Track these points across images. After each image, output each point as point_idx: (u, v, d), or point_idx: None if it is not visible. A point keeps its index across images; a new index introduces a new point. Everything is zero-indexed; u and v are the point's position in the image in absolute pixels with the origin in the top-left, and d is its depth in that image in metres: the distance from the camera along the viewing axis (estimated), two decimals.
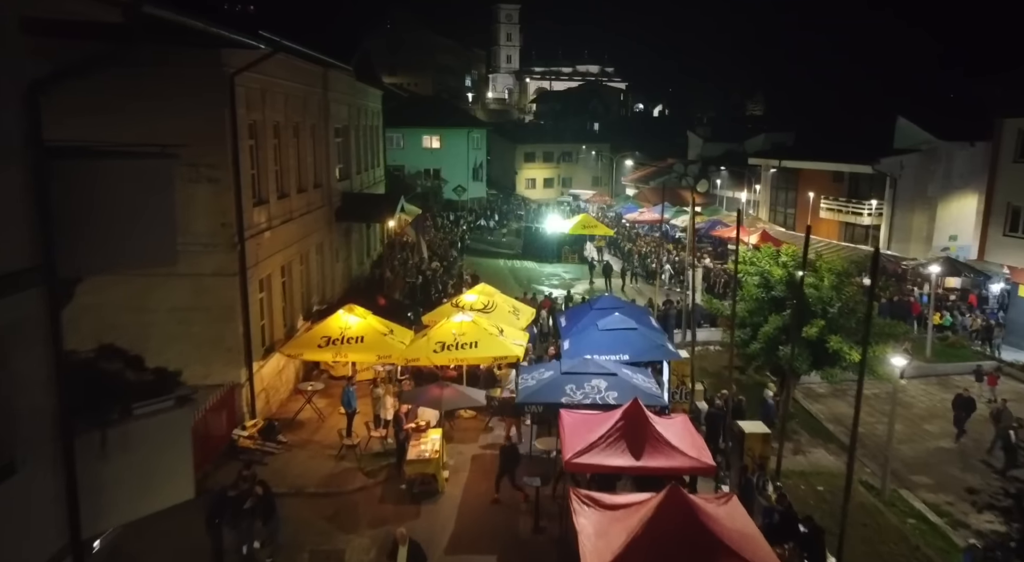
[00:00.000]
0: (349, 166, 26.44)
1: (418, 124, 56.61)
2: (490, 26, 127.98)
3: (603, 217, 56.98)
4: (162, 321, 15.02)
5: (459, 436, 16.62)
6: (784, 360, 16.64)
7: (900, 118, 41.52)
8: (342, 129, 25.87)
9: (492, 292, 21.36)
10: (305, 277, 20.99)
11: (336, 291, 24.05)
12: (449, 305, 20.80)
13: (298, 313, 19.96)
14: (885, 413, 20.61)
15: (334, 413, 17.20)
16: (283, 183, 18.84)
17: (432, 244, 38.83)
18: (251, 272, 15.77)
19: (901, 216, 39.52)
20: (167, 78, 14.14)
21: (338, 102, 24.49)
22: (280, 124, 18.54)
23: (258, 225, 16.48)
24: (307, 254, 20.95)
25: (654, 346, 16.83)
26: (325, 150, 22.86)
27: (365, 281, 27.02)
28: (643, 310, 21.42)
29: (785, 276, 17.21)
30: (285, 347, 16.86)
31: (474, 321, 17.38)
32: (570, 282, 37.71)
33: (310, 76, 20.93)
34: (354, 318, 17.20)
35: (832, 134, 58.15)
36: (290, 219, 18.95)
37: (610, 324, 17.41)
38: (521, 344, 17.58)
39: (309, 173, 21.09)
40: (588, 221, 43.26)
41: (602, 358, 16.38)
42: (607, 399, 13.28)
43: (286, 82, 18.58)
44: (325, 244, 22.85)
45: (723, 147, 65.18)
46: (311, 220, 21.02)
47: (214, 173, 14.66)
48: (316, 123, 22.06)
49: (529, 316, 21.89)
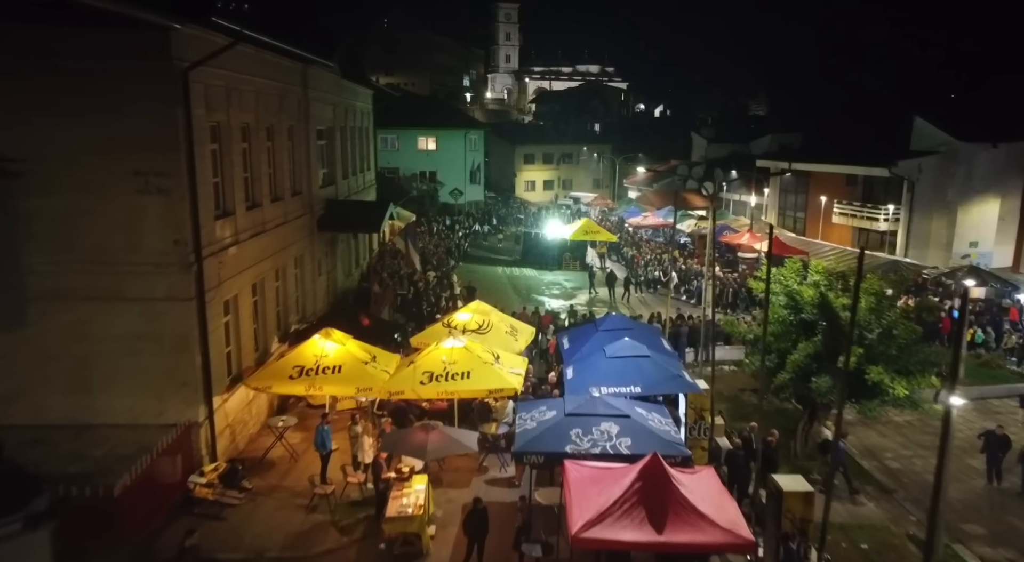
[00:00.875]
0: (334, 171, 24.50)
1: (413, 125, 54.70)
2: (489, 25, 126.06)
3: (605, 221, 55.04)
4: (108, 352, 13.14)
5: (449, 478, 14.68)
6: (817, 393, 14.74)
7: (917, 119, 39.64)
8: (326, 131, 23.95)
9: (487, 310, 19.42)
10: (281, 294, 19.08)
11: (319, 307, 22.13)
12: (440, 325, 18.88)
13: (272, 335, 18.03)
14: (921, 444, 18.73)
15: (309, 449, 15.25)
16: (254, 192, 16.91)
17: (426, 251, 36.90)
18: (212, 294, 13.84)
19: (919, 221, 37.63)
20: (110, 73, 12.27)
21: (321, 102, 22.57)
22: (250, 126, 16.63)
23: (221, 240, 14.54)
24: (284, 269, 19.04)
25: (669, 377, 14.89)
26: (305, 154, 20.94)
27: (353, 294, 25.10)
28: (654, 330, 19.47)
29: (816, 297, 15.28)
30: (251, 378, 14.91)
31: (466, 348, 15.46)
32: (572, 292, 35.80)
33: (287, 73, 19.01)
34: (331, 344, 15.26)
35: (842, 135, 56.28)
36: (262, 231, 17.02)
37: (619, 351, 15.47)
38: (519, 373, 15.66)
39: (286, 180, 19.17)
40: (590, 226, 41.30)
41: (610, 390, 14.49)
42: (619, 448, 11.35)
43: (257, 79, 16.66)
44: (305, 257, 20.93)
45: (728, 148, 63.34)
46: (288, 231, 19.09)
47: (165, 182, 12.73)
48: (295, 125, 20.15)
49: (528, 336, 19.97)
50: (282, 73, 18.54)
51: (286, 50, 17.32)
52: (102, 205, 12.67)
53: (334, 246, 24.43)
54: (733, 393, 21.67)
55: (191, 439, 13.51)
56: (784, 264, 17.27)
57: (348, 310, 22.58)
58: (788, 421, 18.70)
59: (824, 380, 14.49)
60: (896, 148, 39.87)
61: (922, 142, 38.82)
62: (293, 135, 20.12)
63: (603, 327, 18.04)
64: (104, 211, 12.70)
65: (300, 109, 20.48)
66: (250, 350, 16.45)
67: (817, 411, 16.03)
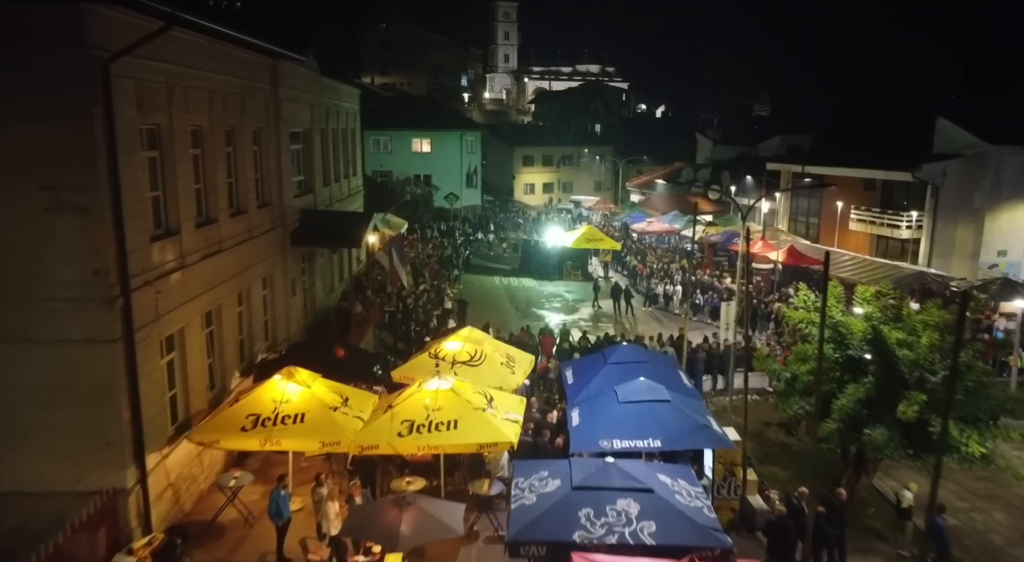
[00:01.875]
0: (312, 178, 22.15)
1: (406, 126, 52.40)
2: (487, 24, 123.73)
3: (607, 227, 52.70)
4: (15, 404, 10.80)
5: (432, 550, 12.30)
6: (871, 447, 12.39)
7: (940, 119, 37.26)
8: (303, 133, 21.60)
9: (480, 338, 17.05)
10: (246, 320, 16.73)
11: (293, 331, 19.79)
12: (427, 356, 16.52)
13: (233, 368, 15.67)
14: (977, 493, 16.34)
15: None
16: (208, 205, 14.57)
17: (417, 262, 34.53)
18: (147, 332, 11.49)
19: (943, 229, 35.25)
20: (7, 65, 9.92)
21: (296, 102, 20.21)
22: (204, 129, 14.28)
23: (161, 265, 12.19)
24: (248, 291, 16.68)
25: (694, 427, 12.51)
26: (276, 160, 18.59)
27: (335, 313, 22.73)
28: (670, 362, 17.06)
29: (868, 331, 12.92)
30: (196, 431, 12.53)
31: (453, 390, 13.10)
32: (574, 305, 33.46)
33: (251, 68, 16.66)
34: (294, 387, 12.90)
35: (854, 137, 54.00)
36: (219, 251, 14.66)
37: (633, 393, 13.12)
38: (516, 419, 13.29)
39: (251, 190, 16.83)
40: (593, 234, 38.94)
41: (624, 444, 12.19)
42: (641, 536, 8.99)
43: (212, 75, 14.30)
44: (276, 275, 18.58)
45: (734, 150, 61.09)
46: (254, 248, 16.74)
47: (80, 199, 10.37)
48: (263, 127, 17.81)
49: (527, 366, 17.60)
50: (245, 68, 16.18)
51: (246, 42, 14.96)
52: (1, 227, 10.32)
53: (312, 261, 22.10)
54: (758, 428, 19.31)
55: (117, 508, 11.15)
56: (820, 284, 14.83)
57: (327, 334, 20.27)
58: (825, 465, 16.37)
59: (880, 432, 12.14)
60: (916, 150, 37.58)
61: (945, 144, 36.48)
62: (260, 139, 17.79)
63: (612, 359, 15.73)
64: (5, 235, 10.35)
65: (269, 109, 18.13)
66: (202, 390, 14.09)
67: (866, 462, 13.67)
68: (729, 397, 20.65)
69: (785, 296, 31.14)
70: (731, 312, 20.72)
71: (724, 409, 20.31)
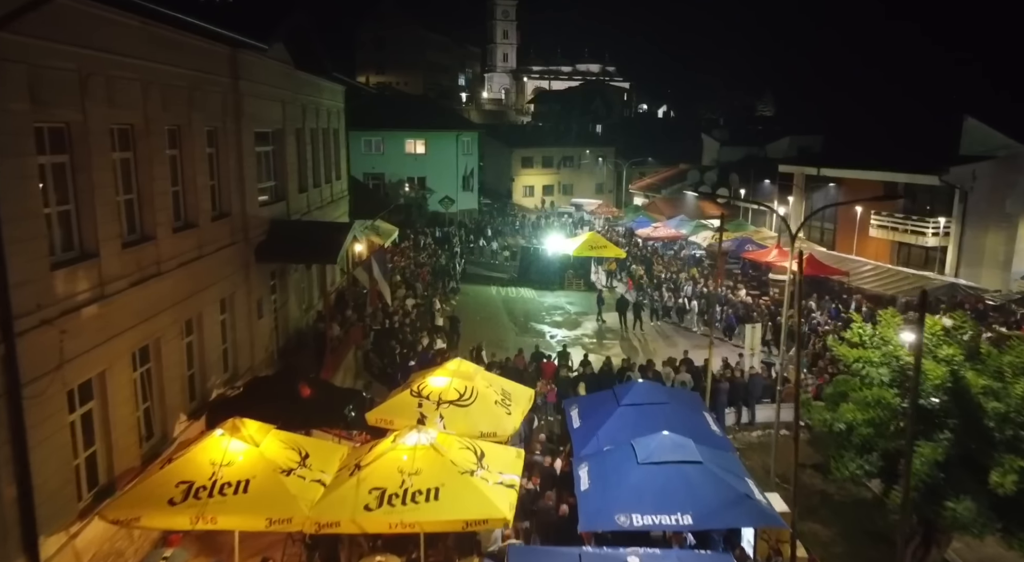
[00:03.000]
0: (284, 183, 19.75)
1: (400, 126, 49.99)
2: (486, 23, 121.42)
3: (610, 232, 50.34)
4: None
5: None
6: (954, 523, 9.98)
7: (968, 119, 34.92)
8: (273, 134, 19.21)
9: (471, 372, 14.57)
10: (198, 351, 14.33)
11: (260, 357, 17.39)
12: (408, 394, 14.09)
13: (177, 412, 13.24)
14: None
15: None
16: (142, 220, 12.17)
17: (407, 272, 32.10)
18: (41, 385, 9.05)
19: (972, 236, 32.87)
20: None
21: (263, 98, 17.80)
22: (136, 129, 11.87)
23: (68, 298, 9.76)
24: (199, 318, 14.26)
25: (733, 499, 10.06)
26: (237, 164, 16.18)
27: (312, 335, 20.33)
28: (694, 403, 14.56)
29: (947, 376, 10.49)
30: (110, 504, 10.04)
31: (435, 447, 10.68)
32: (576, 319, 31.06)
33: (203, 57, 14.23)
34: (238, 445, 10.45)
35: (867, 138, 51.76)
36: (156, 274, 12.25)
37: (656, 454, 10.68)
38: (513, 482, 10.86)
39: (203, 199, 14.41)
40: (596, 240, 36.49)
41: (646, 520, 9.79)
42: None
43: (147, 63, 11.87)
44: (237, 296, 16.17)
45: (742, 151, 58.85)
46: (206, 268, 14.32)
47: None
48: (220, 126, 15.40)
49: (526, 403, 15.13)
50: (194, 57, 13.76)
51: (192, 24, 12.53)
52: None
53: (285, 276, 19.69)
54: (787, 468, 16.88)
55: None
56: (881, 318, 12.37)
57: (300, 362, 17.90)
58: (872, 517, 14.00)
59: (965, 505, 9.73)
60: (941, 152, 35.25)
61: (974, 146, 34.14)
62: (217, 140, 15.38)
63: (626, 399, 13.33)
64: None
65: (228, 106, 15.71)
66: (131, 444, 11.65)
67: (936, 532, 11.25)
68: (755, 432, 18.28)
69: (807, 311, 28.73)
70: (756, 335, 18.32)
71: (751, 446, 17.92)
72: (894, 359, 11.55)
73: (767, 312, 27.97)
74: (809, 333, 25.66)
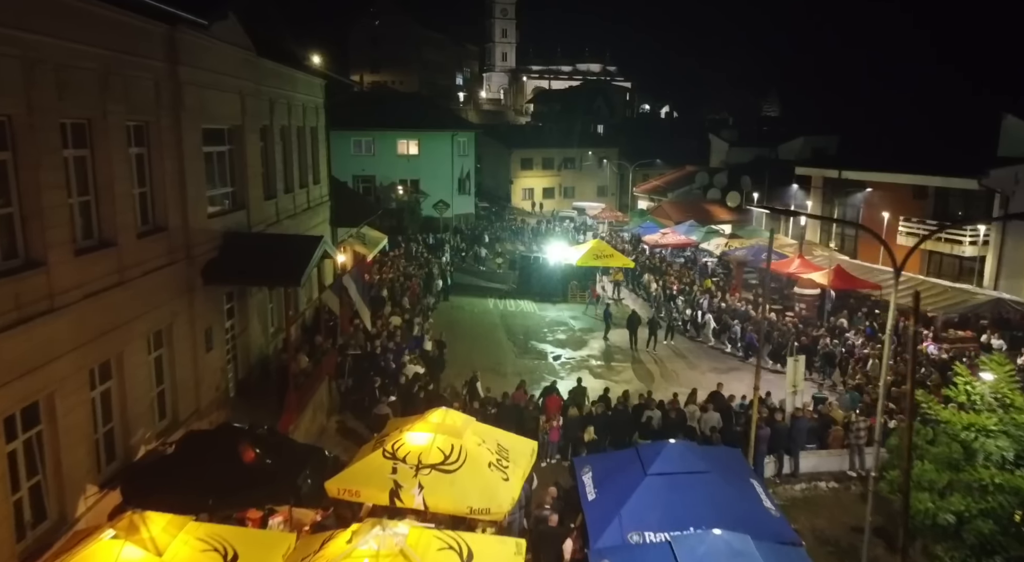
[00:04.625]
0: (244, 189, 16.90)
1: (392, 126, 47.14)
2: (484, 21, 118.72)
3: (615, 238, 47.51)
4: None
5: None
6: None
7: (1007, 117, 32.12)
8: (229, 132, 16.37)
9: (459, 426, 11.72)
10: (117, 401, 11.48)
11: (208, 398, 14.52)
12: (380, 455, 11.26)
13: (81, 485, 10.37)
14: None
15: None
16: (25, 240, 9.32)
17: (395, 286, 29.23)
18: None
19: (1013, 245, 30.03)
20: None
21: (213, 88, 14.95)
22: (13, 121, 9.02)
23: None
24: (118, 360, 11.40)
25: None
26: (177, 167, 13.32)
27: (277, 367, 17.42)
28: (740, 470, 11.64)
29: None
30: None
31: (403, 554, 7.85)
32: (581, 336, 28.21)
33: (123, 35, 11.36)
34: (134, 552, 7.64)
35: (889, 138, 49.02)
36: (47, 311, 9.40)
37: (701, 554, 7.82)
38: None
39: (125, 210, 11.55)
40: (601, 249, 33.63)
41: None
42: None
43: (31, 36, 9.03)
44: (177, 328, 13.32)
45: (752, 152, 56.05)
46: (128, 297, 11.46)
47: None
48: (152, 121, 12.55)
49: (527, 460, 12.30)
50: (109, 33, 10.91)
51: None
52: None
53: (244, 297, 16.85)
54: (837, 532, 14.05)
55: None
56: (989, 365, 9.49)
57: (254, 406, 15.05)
58: None
59: None
60: (975, 152, 32.48)
61: (1014, 147, 31.33)
62: (148, 137, 12.54)
63: (655, 468, 10.52)
64: None
65: (163, 97, 12.85)
66: (5, 538, 8.79)
67: None
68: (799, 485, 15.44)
69: (837, 328, 25.90)
70: (800, 370, 15.48)
71: (794, 503, 15.07)
72: (1012, 426, 8.69)
73: (793, 331, 25.11)
74: (846, 356, 22.84)
